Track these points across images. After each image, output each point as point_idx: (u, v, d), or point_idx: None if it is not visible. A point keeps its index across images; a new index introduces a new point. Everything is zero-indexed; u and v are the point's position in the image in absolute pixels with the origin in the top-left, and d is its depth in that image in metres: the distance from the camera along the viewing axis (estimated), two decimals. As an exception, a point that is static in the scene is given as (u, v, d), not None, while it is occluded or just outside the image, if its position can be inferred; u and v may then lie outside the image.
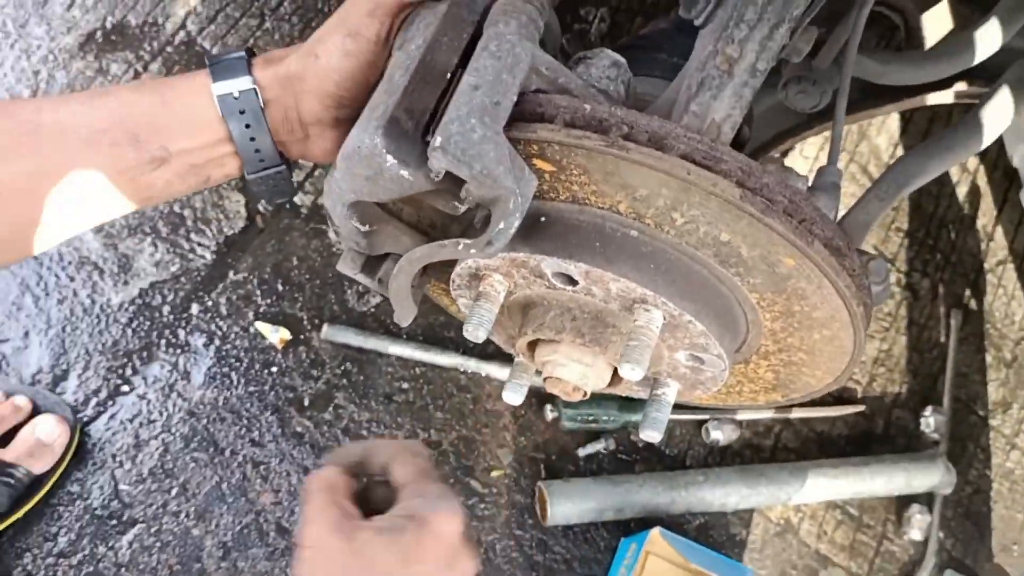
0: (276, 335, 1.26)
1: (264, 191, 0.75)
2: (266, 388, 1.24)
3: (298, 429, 1.23)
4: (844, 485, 1.28)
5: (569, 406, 1.25)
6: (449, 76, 0.64)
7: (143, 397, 1.20)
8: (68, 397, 1.18)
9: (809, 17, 0.68)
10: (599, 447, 1.28)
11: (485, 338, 0.69)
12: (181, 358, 1.23)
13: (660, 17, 0.92)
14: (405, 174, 0.59)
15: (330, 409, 1.25)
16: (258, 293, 1.28)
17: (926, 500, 1.34)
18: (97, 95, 0.70)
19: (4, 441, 1.09)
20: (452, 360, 1.27)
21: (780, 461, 1.32)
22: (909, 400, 1.42)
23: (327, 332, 1.25)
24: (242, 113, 0.70)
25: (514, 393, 0.78)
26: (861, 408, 1.38)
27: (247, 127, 0.71)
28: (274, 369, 1.25)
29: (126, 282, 1.25)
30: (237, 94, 0.70)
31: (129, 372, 1.21)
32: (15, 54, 1.35)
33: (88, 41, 1.37)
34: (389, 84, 0.63)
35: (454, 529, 0.55)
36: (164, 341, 1.23)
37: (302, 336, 1.27)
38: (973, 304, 1.49)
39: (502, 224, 0.57)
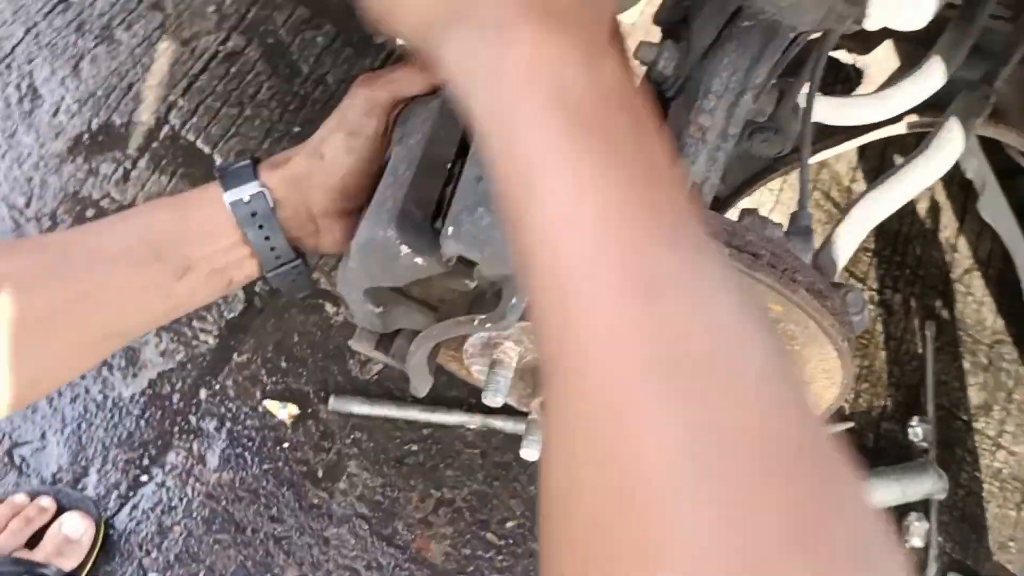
0: (285, 411, 1.30)
1: (285, 286, 0.80)
2: (280, 464, 1.27)
3: (315, 501, 1.26)
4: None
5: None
6: (449, 167, 0.69)
7: (162, 485, 1.23)
8: (90, 492, 1.21)
9: (771, 81, 0.75)
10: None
11: (502, 402, 0.74)
12: (195, 443, 1.26)
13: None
14: (419, 261, 0.64)
15: (344, 478, 1.28)
16: (263, 372, 1.32)
17: (922, 507, 1.39)
18: (119, 219, 0.75)
19: (33, 542, 1.11)
20: (458, 418, 1.31)
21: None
22: (895, 412, 1.48)
23: (334, 404, 1.30)
24: (254, 215, 0.75)
25: (531, 449, 0.83)
26: (850, 424, 1.44)
27: (260, 228, 0.75)
28: (286, 445, 1.29)
29: (135, 375, 1.29)
30: (248, 199, 0.74)
31: (146, 462, 1.24)
32: (6, 164, 1.39)
33: (76, 145, 1.42)
34: (395, 177, 0.69)
35: None
36: (177, 428, 1.27)
37: (310, 410, 1.31)
38: (945, 314, 1.56)
39: (515, 299, 0.62)
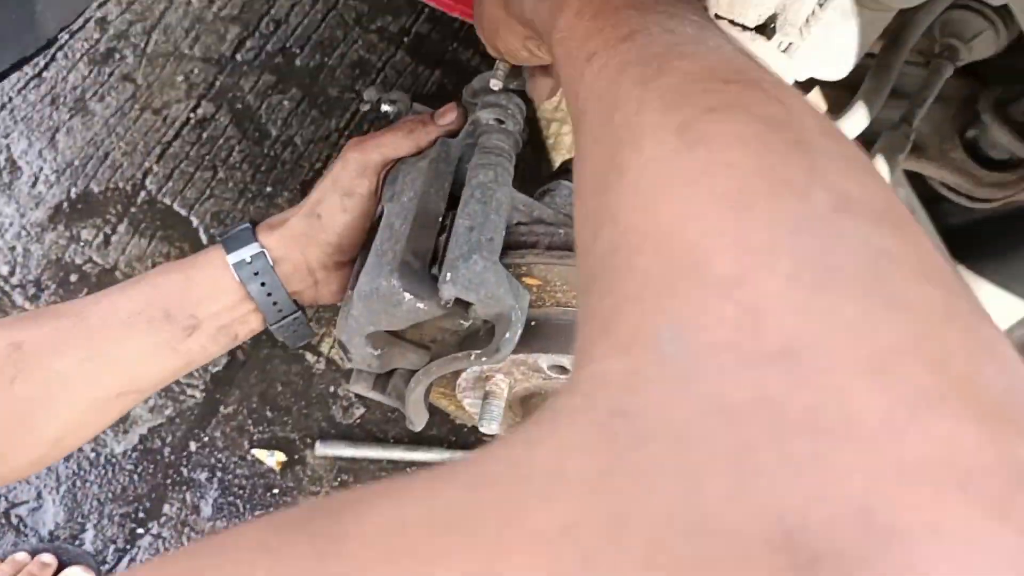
0: (273, 459, 1.35)
1: (287, 337, 0.87)
2: (271, 510, 1.32)
3: (306, 543, 1.31)
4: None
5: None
6: (440, 219, 0.77)
7: (158, 536, 1.27)
8: (88, 547, 1.24)
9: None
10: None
11: (498, 430, 0.82)
12: (188, 494, 1.31)
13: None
14: (420, 305, 0.72)
15: (333, 519, 1.33)
16: (250, 422, 1.37)
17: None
18: (130, 284, 0.80)
19: (37, 598, 1.15)
20: (440, 455, 1.37)
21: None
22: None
23: (320, 448, 1.35)
24: (256, 274, 0.81)
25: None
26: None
27: (263, 284, 0.81)
28: (276, 491, 1.34)
29: (125, 431, 1.33)
30: (249, 259, 0.80)
31: (142, 515, 1.28)
32: (-11, 235, 1.44)
33: (57, 213, 1.47)
34: (392, 232, 0.76)
35: None
36: (169, 481, 1.31)
37: (297, 456, 1.36)
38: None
39: (508, 334, 0.70)
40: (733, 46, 0.40)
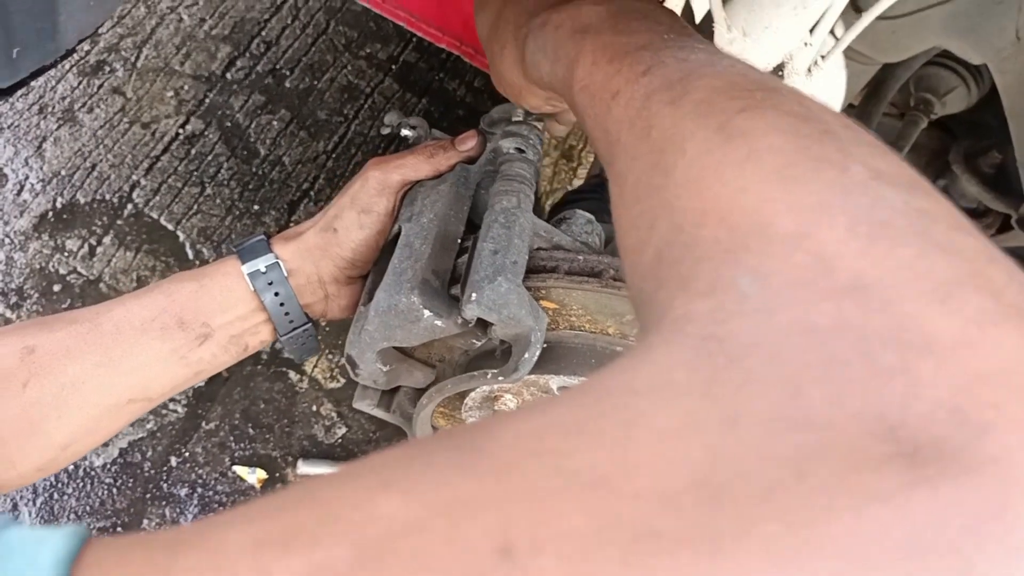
0: (254, 476, 1.35)
1: (295, 349, 0.88)
2: (250, 527, 1.32)
3: (284, 562, 1.30)
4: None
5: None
6: (459, 241, 0.80)
7: (136, 551, 1.26)
8: (65, 561, 1.22)
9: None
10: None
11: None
12: (167, 509, 1.30)
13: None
14: (439, 323, 0.74)
15: (312, 538, 1.33)
16: (231, 439, 1.37)
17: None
18: (145, 292, 0.81)
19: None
20: (421, 477, 1.38)
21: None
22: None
23: (302, 467, 1.36)
24: (270, 284, 0.82)
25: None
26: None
27: (276, 295, 0.83)
28: (255, 508, 1.33)
29: (105, 444, 1.32)
30: (264, 269, 0.82)
31: (120, 530, 1.27)
32: (-29, 241, 1.42)
33: (42, 222, 1.46)
34: (411, 250, 0.79)
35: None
36: (149, 496, 1.30)
37: (278, 474, 1.36)
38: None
39: (527, 354, 0.73)
40: (745, 64, 0.44)
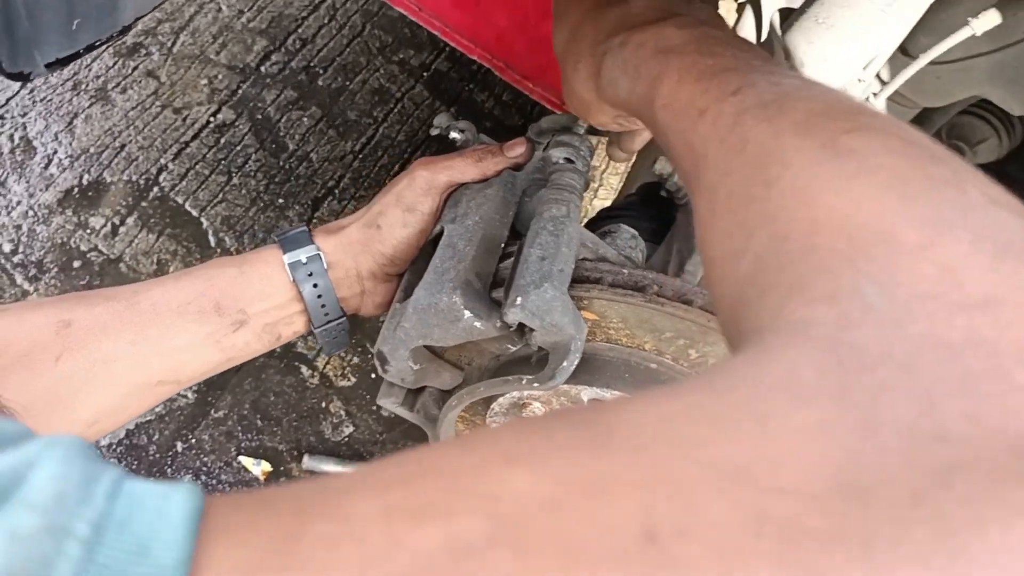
0: (258, 468, 1.34)
1: (327, 342, 0.88)
2: (251, 519, 1.31)
3: (283, 557, 1.30)
4: None
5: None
6: (503, 246, 0.80)
7: (136, 534, 1.25)
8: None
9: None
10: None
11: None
12: (170, 494, 1.29)
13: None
14: (478, 325, 0.74)
15: (312, 536, 1.32)
16: (239, 429, 1.37)
17: None
18: (184, 274, 0.81)
19: None
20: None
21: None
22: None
23: (308, 462, 1.35)
24: (310, 275, 0.83)
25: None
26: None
27: (315, 286, 0.83)
28: (257, 500, 1.32)
29: (114, 424, 1.31)
30: (305, 260, 0.82)
31: (122, 510, 1.26)
32: (-5, 210, 1.42)
33: (66, 197, 1.46)
34: (454, 251, 0.79)
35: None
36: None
37: (282, 467, 1.36)
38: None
39: (565, 363, 0.73)
40: (838, 91, 0.45)
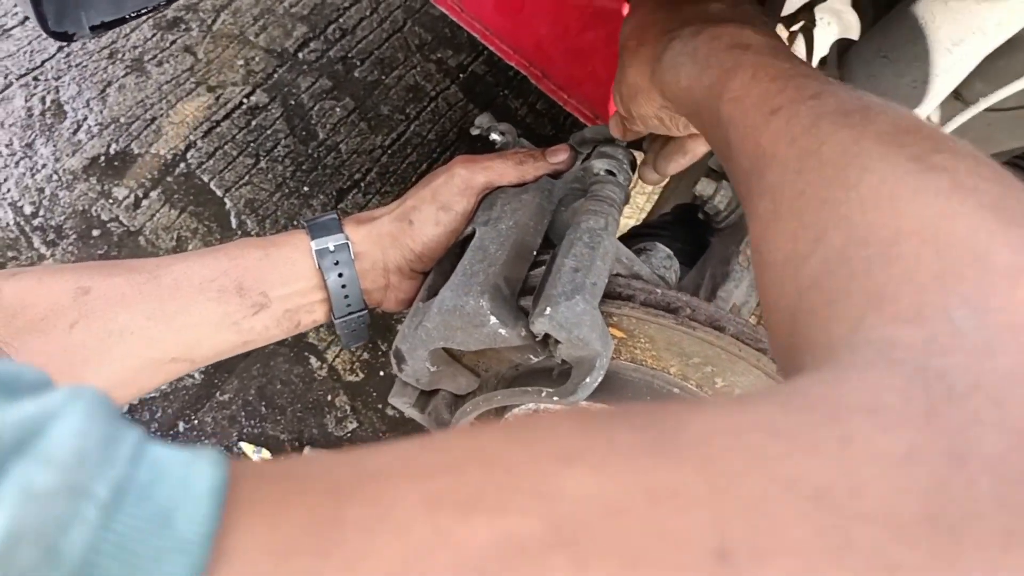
0: (258, 456, 1.32)
1: (346, 334, 0.86)
2: (246, 506, 1.29)
3: (274, 548, 1.28)
4: None
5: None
6: (535, 254, 0.78)
7: (129, 511, 1.23)
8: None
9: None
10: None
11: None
12: (167, 474, 1.27)
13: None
14: (503, 332, 0.72)
15: (305, 529, 1.30)
16: (242, 414, 1.35)
17: None
18: (207, 252, 0.79)
19: None
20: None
21: None
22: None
23: (308, 455, 1.33)
24: (336, 264, 0.81)
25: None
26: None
27: (340, 276, 0.81)
28: (254, 488, 1.30)
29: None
30: (333, 247, 0.80)
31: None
32: (20, 171, 1.41)
33: (92, 165, 1.45)
34: (484, 254, 0.77)
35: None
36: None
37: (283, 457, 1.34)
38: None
39: (588, 379, 0.71)
40: (919, 116, 0.43)
